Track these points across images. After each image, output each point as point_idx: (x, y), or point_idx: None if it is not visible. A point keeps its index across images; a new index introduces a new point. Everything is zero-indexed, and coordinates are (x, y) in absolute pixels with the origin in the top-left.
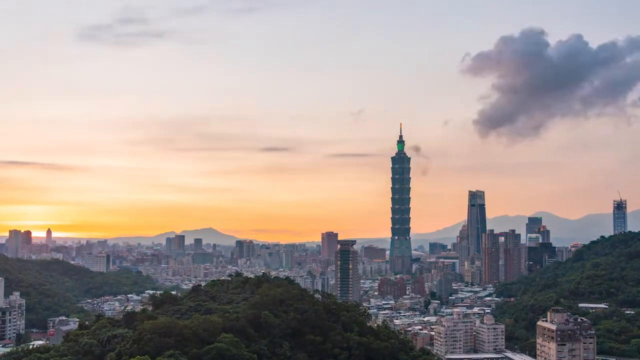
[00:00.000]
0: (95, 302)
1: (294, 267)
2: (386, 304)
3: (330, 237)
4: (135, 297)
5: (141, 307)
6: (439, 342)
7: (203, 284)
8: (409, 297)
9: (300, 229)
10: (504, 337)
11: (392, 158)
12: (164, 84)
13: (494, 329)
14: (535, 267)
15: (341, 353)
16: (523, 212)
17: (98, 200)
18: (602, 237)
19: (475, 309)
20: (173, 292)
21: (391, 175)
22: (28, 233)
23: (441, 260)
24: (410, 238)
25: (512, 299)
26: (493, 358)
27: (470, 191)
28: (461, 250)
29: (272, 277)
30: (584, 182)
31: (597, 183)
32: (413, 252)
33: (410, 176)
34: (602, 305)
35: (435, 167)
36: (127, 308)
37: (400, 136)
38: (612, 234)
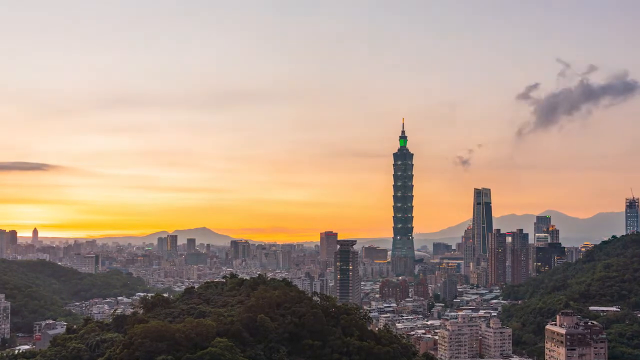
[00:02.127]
0: (84, 304)
1: (292, 269)
2: (388, 307)
3: (329, 237)
4: (125, 299)
5: (132, 310)
6: (443, 347)
7: (196, 285)
8: (411, 299)
9: (299, 229)
10: (511, 341)
11: (394, 154)
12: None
13: (501, 333)
14: (544, 268)
15: (341, 358)
16: (531, 210)
17: (85, 199)
18: (614, 236)
19: (481, 312)
20: (165, 295)
21: (393, 173)
22: (13, 233)
23: (445, 261)
24: (413, 238)
25: (519, 302)
26: None
27: (475, 189)
28: (466, 251)
29: (269, 278)
30: (594, 179)
31: (608, 180)
32: (416, 252)
33: (413, 173)
34: (614, 308)
35: (439, 164)
36: (116, 311)
37: (403, 132)
38: (624, 233)
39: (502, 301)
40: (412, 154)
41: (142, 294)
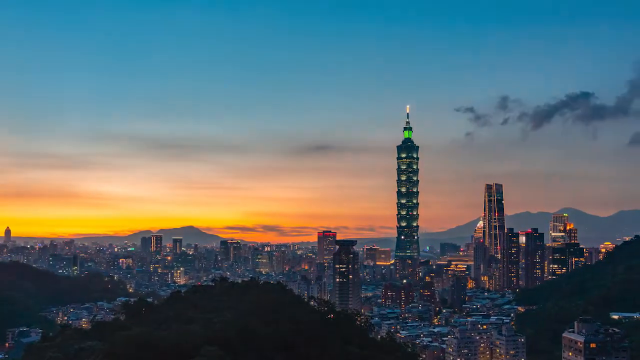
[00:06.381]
0: (61, 310)
1: (287, 271)
2: (391, 312)
3: (327, 236)
4: (106, 304)
5: (113, 317)
6: (451, 356)
7: (183, 290)
8: (416, 304)
9: (294, 228)
10: (524, 350)
11: (397, 147)
12: None
13: (514, 341)
14: (561, 270)
15: None
16: (546, 208)
17: (65, 195)
18: (637, 236)
19: (493, 319)
20: (149, 299)
21: (397, 167)
22: None
23: (454, 262)
24: (418, 238)
25: (534, 307)
26: None
27: (487, 184)
28: (476, 252)
29: (262, 282)
30: (614, 174)
31: (629, 175)
32: (422, 253)
33: (418, 167)
34: (637, 315)
35: (447, 159)
36: (96, 317)
37: (407, 122)
38: None
39: (515, 306)
40: (418, 147)
41: (124, 299)
